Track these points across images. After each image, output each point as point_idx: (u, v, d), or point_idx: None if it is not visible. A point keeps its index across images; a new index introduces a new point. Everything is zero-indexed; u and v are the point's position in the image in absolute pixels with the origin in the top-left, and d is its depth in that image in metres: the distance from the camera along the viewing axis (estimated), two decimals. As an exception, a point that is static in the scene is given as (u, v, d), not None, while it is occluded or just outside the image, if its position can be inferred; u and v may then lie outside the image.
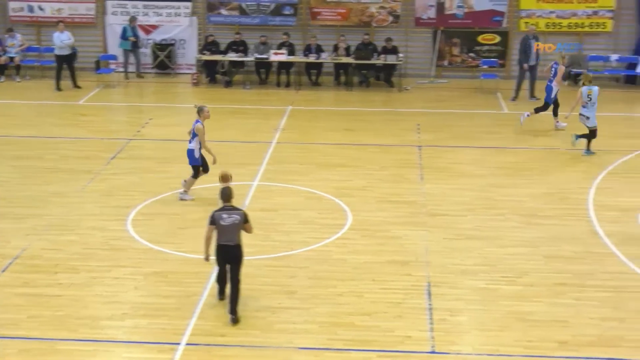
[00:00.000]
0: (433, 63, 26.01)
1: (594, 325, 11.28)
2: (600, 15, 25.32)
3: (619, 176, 17.09)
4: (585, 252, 13.59)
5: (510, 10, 25.60)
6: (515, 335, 11.05)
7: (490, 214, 15.19)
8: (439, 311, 11.62)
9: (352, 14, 25.93)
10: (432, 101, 23.62)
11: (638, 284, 12.51)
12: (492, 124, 21.36)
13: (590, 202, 15.73)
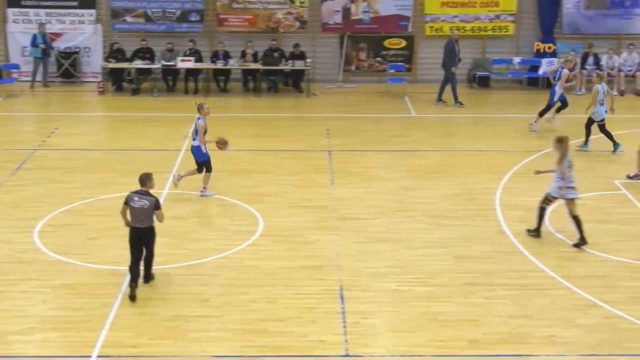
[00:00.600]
0: (340, 68, 26.18)
1: (503, 323, 11.51)
2: (502, 19, 25.89)
3: (524, 176, 17.47)
4: (494, 252, 13.85)
5: (415, 15, 25.96)
6: (427, 335, 11.19)
7: (401, 217, 15.35)
8: (351, 314, 11.68)
9: (259, 20, 25.92)
10: (341, 106, 23.78)
11: (544, 281, 12.81)
12: (401, 127, 21.62)
13: (497, 202, 16.05)
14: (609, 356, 10.76)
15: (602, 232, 14.69)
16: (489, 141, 19.96)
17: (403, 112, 23.21)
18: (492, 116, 22.44)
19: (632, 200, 16.16)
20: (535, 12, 26.02)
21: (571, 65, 21.20)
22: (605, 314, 11.83)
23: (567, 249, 13.97)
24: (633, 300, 12.22)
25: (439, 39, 25.91)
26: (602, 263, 13.49)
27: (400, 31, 26.09)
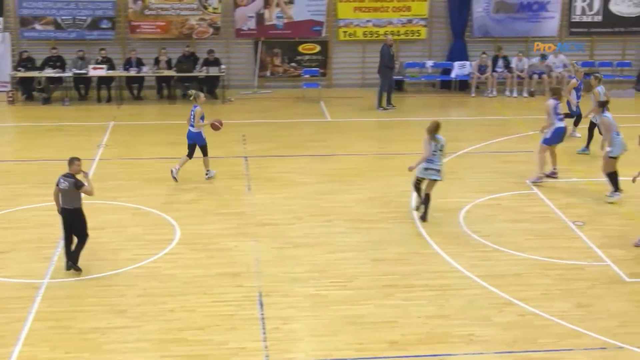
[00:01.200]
0: (255, 74, 26.15)
1: (421, 324, 11.62)
2: (415, 23, 26.21)
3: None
4: (411, 253, 13.99)
5: (328, 20, 26.10)
6: (346, 338, 11.23)
7: (318, 221, 15.39)
8: (271, 320, 11.66)
9: (172, 27, 25.71)
10: (257, 112, 23.74)
11: (461, 281, 12.99)
12: (317, 132, 21.68)
13: (413, 204, 16.20)
14: (525, 353, 10.95)
15: (515, 231, 14.98)
16: (404, 144, 20.16)
17: (319, 116, 23.30)
18: (407, 119, 22.67)
19: (544, 199, 16.50)
20: (446, 16, 26.41)
21: (580, 76, 20.98)
22: (520, 312, 12.05)
23: (483, 249, 14.19)
24: (546, 297, 12.48)
25: (353, 44, 26.15)
26: (517, 262, 13.74)
27: (314, 36, 26.20)
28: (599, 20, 26.74)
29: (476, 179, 17.75)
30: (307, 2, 25.81)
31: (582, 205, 16.22)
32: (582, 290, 12.74)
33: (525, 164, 18.69)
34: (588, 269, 13.48)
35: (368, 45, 26.23)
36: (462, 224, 15.25)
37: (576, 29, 26.81)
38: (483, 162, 18.96)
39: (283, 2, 25.80)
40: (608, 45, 27.12)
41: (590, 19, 26.74)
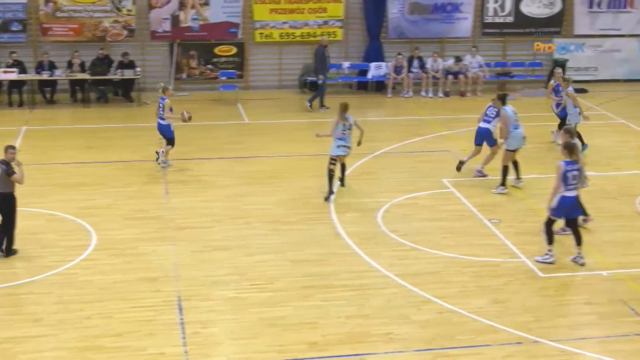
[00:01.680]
0: (172, 76, 25.91)
1: (341, 324, 11.68)
2: (331, 24, 26.32)
3: (357, 179, 17.82)
4: (330, 254, 14.04)
5: (244, 22, 26.02)
6: (267, 340, 11.22)
7: (238, 224, 15.34)
8: (191, 325, 11.57)
9: (85, 29, 25.29)
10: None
11: (380, 281, 13.10)
12: (235, 134, 21.60)
13: (331, 205, 16.27)
14: (443, 349, 11.10)
15: (433, 230, 15.17)
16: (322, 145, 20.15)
17: (236, 119, 23.20)
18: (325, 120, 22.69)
19: (460, 198, 16.75)
20: (362, 18, 26.59)
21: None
22: (438, 309, 12.21)
23: (401, 248, 14.33)
24: (463, 294, 12.67)
25: (270, 46, 26.14)
26: (434, 260, 13.92)
27: (230, 38, 26.09)
28: (510, 21, 27.26)
29: (394, 179, 17.92)
30: (223, 4, 25.69)
31: (497, 203, 16.51)
32: (499, 287, 12.98)
33: (442, 163, 18.95)
34: (504, 266, 13.74)
35: (284, 47, 26.26)
36: (380, 223, 15.37)
37: (489, 30, 27.29)
38: (400, 161, 19.15)
39: (198, 3, 25.63)
40: (520, 46, 27.66)
41: (502, 20, 27.24)
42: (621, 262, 13.88)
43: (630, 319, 12.02)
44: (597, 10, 27.61)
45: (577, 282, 13.21)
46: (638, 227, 15.39)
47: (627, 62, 28.07)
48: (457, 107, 24.70)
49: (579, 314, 12.24)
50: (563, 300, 12.65)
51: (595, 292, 12.84)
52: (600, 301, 12.56)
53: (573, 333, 11.64)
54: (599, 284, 13.12)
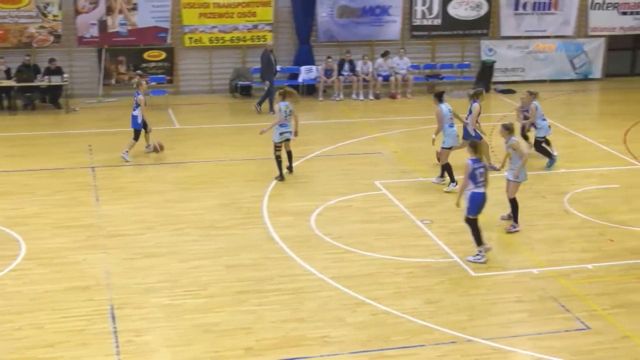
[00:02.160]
0: (100, 82, 25.58)
1: (276, 328, 11.65)
2: (260, 28, 26.28)
3: (289, 183, 17.81)
4: (264, 258, 14.01)
5: (173, 27, 25.83)
6: (202, 347, 11.14)
7: (170, 230, 15.21)
8: (124, 333, 11.43)
9: (11, 35, 24.83)
10: (103, 121, 23.19)
11: (314, 284, 13.10)
12: (166, 139, 21.30)
13: (264, 209, 16.24)
14: (378, 351, 11.15)
15: (366, 232, 15.23)
16: (254, 149, 20.18)
17: (167, 124, 22.99)
18: (256, 124, 22.66)
19: (392, 199, 16.85)
20: (291, 21, 26.61)
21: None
22: (373, 311, 12.26)
23: (335, 251, 14.36)
24: (398, 295, 12.75)
25: (199, 50, 26.00)
26: (368, 262, 13.97)
27: (159, 43, 25.87)
28: (438, 24, 27.56)
29: (326, 182, 17.95)
30: (151, 9, 25.47)
31: (429, 204, 16.66)
32: (432, 287, 13.09)
33: (374, 166, 19.05)
34: (436, 266, 13.86)
35: (214, 52, 26.13)
36: (313, 227, 15.39)
37: (417, 32, 27.55)
38: (332, 164, 19.20)
39: (126, 8, 25.36)
40: (448, 48, 27.99)
41: (430, 22, 27.52)
42: (551, 259, 14.12)
43: (560, 315, 12.23)
44: (523, 12, 28.09)
45: (509, 281, 13.39)
46: (567, 225, 15.67)
47: (553, 63, 28.58)
48: (388, 109, 24.86)
49: (511, 312, 12.40)
50: (495, 298, 12.80)
51: (526, 290, 13.03)
52: (531, 299, 12.76)
53: (505, 331, 11.80)
54: (529, 282, 13.33)
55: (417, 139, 21.03)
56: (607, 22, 28.80)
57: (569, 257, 14.27)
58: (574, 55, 28.74)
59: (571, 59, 28.78)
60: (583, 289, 13.08)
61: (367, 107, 25.36)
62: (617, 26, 28.88)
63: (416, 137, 21.30)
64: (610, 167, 17.47)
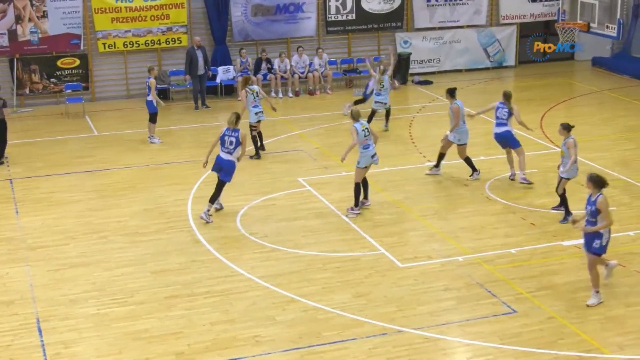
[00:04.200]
0: (13, 93, 25.02)
1: (207, 331, 11.60)
2: (175, 31, 26.03)
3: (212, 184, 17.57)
4: (191, 262, 13.93)
5: (86, 33, 25.41)
6: (133, 355, 11.03)
7: (94, 239, 15.00)
8: (52, 346, 11.25)
9: None
10: (19, 132, 22.66)
11: (243, 284, 13.08)
12: (85, 147, 21.03)
13: (189, 212, 16.13)
14: (310, 347, 11.19)
15: (293, 229, 15.25)
16: (176, 153, 20.03)
17: (85, 131, 22.62)
18: (175, 128, 22.50)
19: (317, 195, 16.90)
20: (206, 22, 26.42)
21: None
22: (303, 308, 12.30)
23: (262, 250, 14.35)
24: (326, 290, 12.81)
25: (114, 55, 25.64)
26: (296, 259, 14.00)
27: (73, 50, 25.43)
28: (353, 19, 27.69)
29: (250, 181, 17.89)
30: (62, 15, 25.00)
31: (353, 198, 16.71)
32: (360, 280, 13.18)
33: (297, 163, 19.07)
34: (364, 259, 13.96)
35: (130, 56, 25.80)
36: (239, 227, 15.35)
37: (333, 28, 27.62)
38: (255, 163, 19.14)
39: (36, 16, 24.86)
40: (364, 42, 28.11)
41: (345, 17, 27.63)
42: (475, 246, 14.34)
43: (487, 300, 12.44)
44: (435, 4, 28.39)
45: (435, 270, 13.55)
46: (489, 212, 15.93)
47: (467, 52, 28.99)
48: (308, 106, 24.90)
49: (439, 300, 12.56)
50: (423, 288, 12.95)
51: (453, 278, 13.22)
52: (458, 286, 12.95)
53: (435, 319, 11.94)
54: (456, 270, 13.51)
55: (338, 134, 21.12)
56: (518, 10, 29.31)
57: (493, 243, 14.52)
58: (488, 43, 29.20)
59: (485, 48, 29.22)
60: (508, 273, 13.33)
61: (287, 104, 25.35)
62: (528, 13, 29.42)
63: (337, 132, 21.39)
64: (528, 152, 17.77)
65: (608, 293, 12.65)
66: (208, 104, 24.76)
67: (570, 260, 13.85)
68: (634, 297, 12.58)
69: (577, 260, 13.78)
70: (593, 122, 22.33)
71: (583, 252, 12.60)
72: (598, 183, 12.18)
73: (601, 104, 24.61)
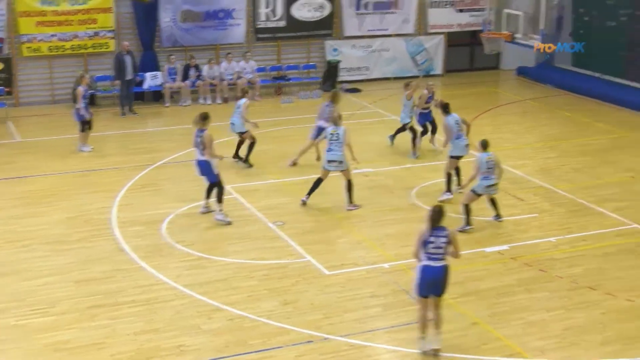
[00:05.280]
0: None
1: (130, 341, 11.44)
2: (102, 36, 25.70)
3: (139, 191, 17.53)
4: (115, 270, 13.73)
5: (10, 36, 24.92)
6: (54, 366, 10.83)
7: (15, 247, 14.69)
8: (-31, 358, 10.98)
9: None
10: (-61, 138, 22.17)
11: (168, 293, 12.94)
12: (6, 154, 20.58)
13: (113, 220, 15.91)
14: (236, 356, 11.12)
15: (219, 237, 15.16)
16: (101, 160, 19.75)
17: (7, 137, 22.16)
18: (101, 134, 22.16)
19: (244, 203, 16.83)
20: (134, 28, 26.14)
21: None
22: (229, 316, 12.22)
23: (188, 258, 14.22)
24: (252, 298, 12.74)
25: (39, 60, 25.20)
26: (222, 267, 13.91)
27: (-4, 54, 24.94)
28: (283, 26, 27.69)
29: (176, 189, 17.72)
30: (-15, 19, 24.53)
31: (280, 206, 16.72)
32: (287, 288, 13.15)
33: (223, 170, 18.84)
34: (291, 267, 13.94)
35: (55, 61, 25.38)
36: (165, 235, 15.19)
37: (262, 35, 27.59)
38: (182, 171, 18.95)
39: (-43, 19, 24.32)
40: (294, 49, 28.16)
41: (274, 24, 27.62)
42: (400, 253, 14.41)
43: (413, 307, 12.44)
44: (365, 12, 28.58)
45: (362, 277, 13.59)
46: (414, 218, 16.01)
47: (396, 61, 29.22)
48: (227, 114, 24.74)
49: (366, 308, 12.59)
50: (349, 295, 12.96)
51: (379, 285, 13.27)
52: (384, 293, 13.00)
53: (361, 326, 11.97)
54: (381, 277, 13.58)
55: (266, 141, 21.07)
56: (446, 20, 29.69)
57: (419, 250, 14.59)
58: (416, 52, 29.48)
59: (413, 56, 29.50)
60: (433, 280, 13.41)
61: (215, 111, 25.03)
62: (455, 23, 29.82)
63: (266, 139, 21.32)
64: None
65: (530, 298, 12.86)
66: (135, 110, 24.50)
67: (493, 266, 14.03)
68: (555, 302, 12.80)
69: (500, 266, 13.98)
70: (517, 131, 22.71)
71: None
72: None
73: (525, 113, 25.03)
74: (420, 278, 10.99)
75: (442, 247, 10.86)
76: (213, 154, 15.84)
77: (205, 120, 15.97)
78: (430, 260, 10.88)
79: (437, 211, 10.92)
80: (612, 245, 14.99)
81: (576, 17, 29.31)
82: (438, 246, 10.85)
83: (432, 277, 10.92)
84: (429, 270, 10.90)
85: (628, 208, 16.76)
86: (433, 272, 10.90)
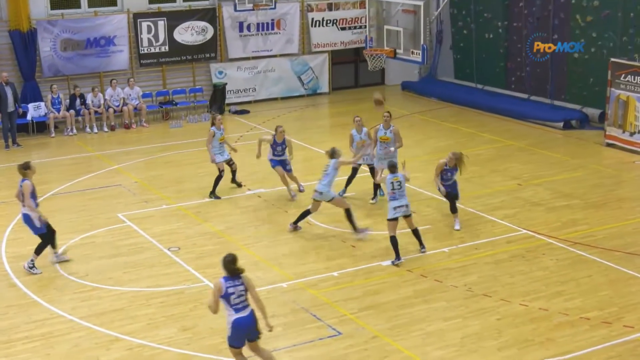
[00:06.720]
0: None
1: (27, 378, 11.17)
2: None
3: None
4: (7, 307, 13.38)
5: None
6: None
7: None
8: None
9: None
10: None
11: (64, 326, 12.69)
12: None
13: (3, 255, 15.50)
14: (138, 386, 10.97)
15: (114, 266, 14.94)
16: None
17: None
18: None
19: (137, 230, 16.62)
20: (13, 58, 25.55)
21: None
22: (128, 346, 12.05)
23: (83, 290, 13.97)
24: (151, 326, 12.60)
25: None
26: (118, 296, 13.71)
27: None
28: (166, 51, 27.50)
29: (67, 220, 17.35)
30: None
31: (175, 231, 16.59)
32: (185, 313, 13.06)
33: (115, 199, 18.67)
34: (188, 292, 13.84)
35: None
36: (58, 267, 14.87)
37: (146, 61, 27.33)
38: (72, 201, 18.61)
39: None
40: (179, 73, 27.98)
41: (157, 49, 27.40)
42: (298, 272, 14.50)
43: (313, 324, 12.60)
44: (248, 34, 28.65)
45: (262, 298, 13.54)
46: (311, 236, 16.16)
47: (282, 81, 29.40)
48: (125, 140, 24.48)
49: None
50: (249, 316, 12.93)
51: (278, 305, 13.29)
52: (284, 312, 13.04)
53: (263, 347, 11.93)
54: (280, 296, 13.61)
55: (157, 167, 20.90)
56: (328, 39, 30.02)
57: (316, 267, 14.73)
58: (302, 71, 29.73)
59: (299, 76, 29.73)
60: (332, 296, 13.55)
61: (102, 139, 24.84)
62: (338, 41, 30.19)
63: (156, 165, 21.16)
64: (344, 175, 18.17)
65: (427, 309, 13.10)
66: (19, 142, 23.91)
67: (390, 279, 14.25)
68: (451, 311, 13.07)
69: (397, 279, 14.21)
70: (405, 144, 23.06)
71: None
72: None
73: (412, 127, 25.50)
74: (234, 332, 10.69)
75: (243, 294, 10.65)
76: (29, 205, 14.68)
77: (27, 170, 14.76)
78: (238, 312, 10.63)
79: (230, 260, 10.69)
80: (503, 252, 15.42)
81: (455, 30, 30.13)
82: (239, 295, 10.63)
83: (245, 327, 10.69)
84: (241, 322, 10.65)
85: (517, 215, 17.28)
86: (245, 322, 10.66)
